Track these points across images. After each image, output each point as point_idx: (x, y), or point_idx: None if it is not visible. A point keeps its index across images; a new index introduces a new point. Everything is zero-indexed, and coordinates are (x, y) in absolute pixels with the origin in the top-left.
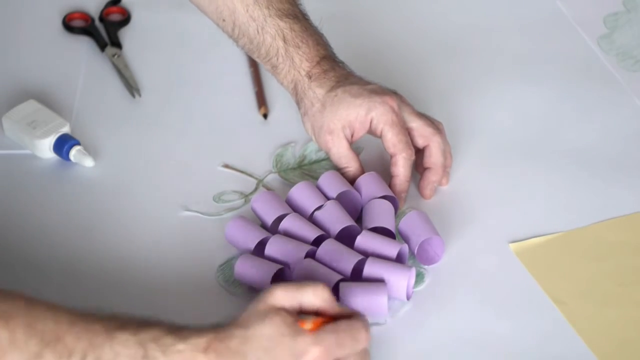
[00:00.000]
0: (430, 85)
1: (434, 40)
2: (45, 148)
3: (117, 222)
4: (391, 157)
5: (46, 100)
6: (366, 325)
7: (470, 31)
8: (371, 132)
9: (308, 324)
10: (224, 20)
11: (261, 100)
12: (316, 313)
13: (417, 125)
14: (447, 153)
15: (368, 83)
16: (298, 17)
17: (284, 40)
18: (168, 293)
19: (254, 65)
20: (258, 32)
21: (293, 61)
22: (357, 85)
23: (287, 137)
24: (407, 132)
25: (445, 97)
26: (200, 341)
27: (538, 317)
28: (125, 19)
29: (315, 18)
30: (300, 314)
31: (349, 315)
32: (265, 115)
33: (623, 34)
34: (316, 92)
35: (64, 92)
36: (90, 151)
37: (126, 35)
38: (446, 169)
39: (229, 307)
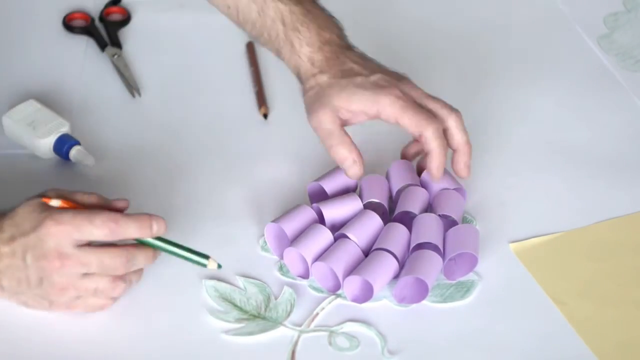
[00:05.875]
0: (429, 85)
1: (433, 40)
2: (45, 148)
3: None
4: (420, 138)
5: (46, 100)
6: (112, 217)
7: (470, 31)
8: (385, 121)
9: (55, 202)
10: (229, 7)
11: (261, 100)
12: None
13: (430, 108)
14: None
15: (373, 72)
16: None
17: (283, 23)
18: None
19: (254, 65)
20: (259, 14)
21: (293, 45)
22: (360, 76)
23: (288, 137)
24: (424, 110)
25: (444, 96)
26: None
27: (538, 317)
28: (125, 19)
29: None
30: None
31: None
32: (265, 115)
33: (623, 34)
34: (318, 79)
35: (64, 92)
36: (90, 151)
37: (126, 35)
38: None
39: None
